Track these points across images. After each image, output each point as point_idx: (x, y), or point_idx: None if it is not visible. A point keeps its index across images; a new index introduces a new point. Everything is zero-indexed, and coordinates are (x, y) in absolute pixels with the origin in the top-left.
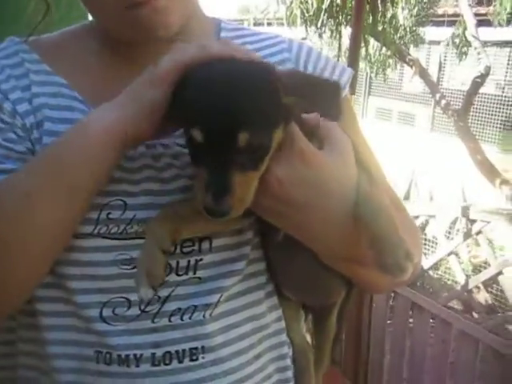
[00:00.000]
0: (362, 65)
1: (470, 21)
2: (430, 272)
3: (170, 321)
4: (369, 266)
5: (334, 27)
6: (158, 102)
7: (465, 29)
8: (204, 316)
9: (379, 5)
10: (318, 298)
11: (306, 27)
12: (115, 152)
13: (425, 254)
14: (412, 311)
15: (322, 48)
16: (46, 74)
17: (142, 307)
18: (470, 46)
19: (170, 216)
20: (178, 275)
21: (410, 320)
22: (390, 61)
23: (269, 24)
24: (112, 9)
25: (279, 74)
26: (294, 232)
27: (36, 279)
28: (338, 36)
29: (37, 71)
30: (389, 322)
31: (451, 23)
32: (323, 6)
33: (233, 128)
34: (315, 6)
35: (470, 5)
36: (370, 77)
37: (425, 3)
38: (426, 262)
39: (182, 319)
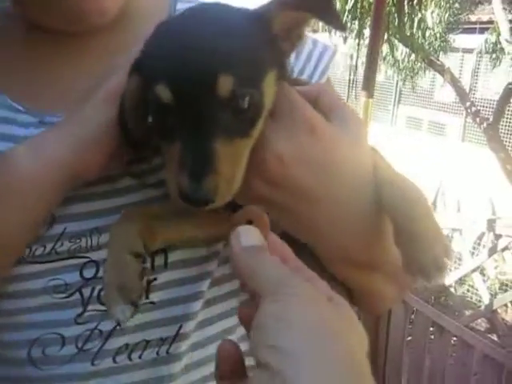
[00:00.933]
0: (390, 72)
1: (504, 26)
2: (452, 289)
3: (114, 361)
4: (381, 270)
5: (358, 29)
6: (110, 123)
7: (499, 35)
8: (158, 353)
9: (405, 6)
10: None
11: (330, 29)
12: (55, 196)
13: (449, 270)
14: (433, 330)
15: (347, 52)
16: None
17: (80, 345)
18: (504, 53)
19: (138, 215)
20: None
21: (431, 336)
22: (419, 67)
23: None
24: None
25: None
26: (295, 229)
27: None
28: (362, 39)
29: None
30: (409, 338)
31: (484, 30)
32: (346, 7)
33: (209, 71)
34: (338, 6)
35: (504, 8)
36: (401, 84)
37: (457, 9)
38: (449, 279)
39: (129, 358)
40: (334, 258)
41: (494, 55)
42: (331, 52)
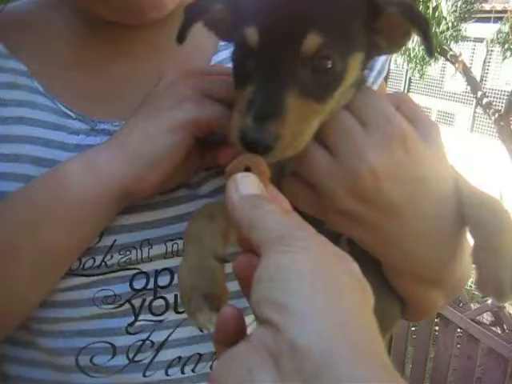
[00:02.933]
0: (399, 60)
1: None
2: None
3: (166, 374)
4: (443, 287)
5: None
6: (174, 151)
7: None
8: (212, 368)
9: None
10: None
11: None
12: (109, 213)
13: None
14: (438, 321)
15: None
16: None
17: (131, 355)
18: None
19: (214, 213)
20: (177, 313)
21: (436, 328)
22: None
23: None
24: None
25: None
26: (371, 243)
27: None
28: None
29: None
30: (413, 328)
31: (498, 20)
32: None
33: (302, 24)
34: None
35: None
36: (411, 73)
37: None
38: None
39: (182, 372)
40: (401, 271)
41: (506, 46)
42: (385, 56)
